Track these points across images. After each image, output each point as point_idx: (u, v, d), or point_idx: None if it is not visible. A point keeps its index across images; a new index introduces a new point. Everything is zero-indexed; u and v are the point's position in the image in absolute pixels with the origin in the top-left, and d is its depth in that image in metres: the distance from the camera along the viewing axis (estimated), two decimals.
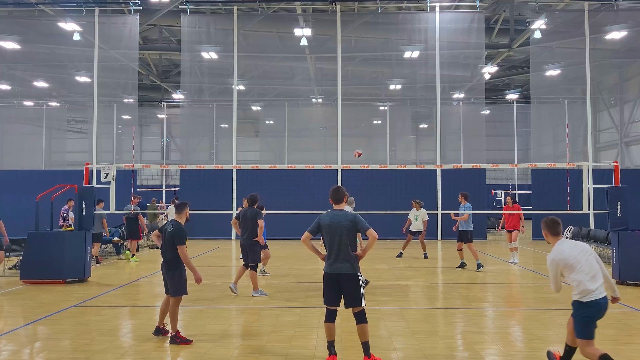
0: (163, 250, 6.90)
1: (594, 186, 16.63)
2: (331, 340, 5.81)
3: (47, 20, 23.18)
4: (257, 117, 36.72)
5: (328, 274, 5.76)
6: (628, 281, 10.87)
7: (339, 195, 5.90)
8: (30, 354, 6.39)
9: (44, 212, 11.81)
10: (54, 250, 11.20)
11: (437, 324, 7.68)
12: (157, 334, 6.95)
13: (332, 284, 5.74)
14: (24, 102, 31.70)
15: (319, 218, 5.90)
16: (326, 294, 5.82)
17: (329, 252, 5.78)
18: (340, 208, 5.91)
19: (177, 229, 6.78)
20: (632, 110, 29.00)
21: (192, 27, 22.75)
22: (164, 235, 6.88)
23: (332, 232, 5.73)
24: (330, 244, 5.76)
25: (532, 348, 6.54)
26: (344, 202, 5.91)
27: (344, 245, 5.69)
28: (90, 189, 12.20)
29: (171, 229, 6.79)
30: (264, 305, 9.04)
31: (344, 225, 5.71)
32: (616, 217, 11.14)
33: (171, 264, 6.79)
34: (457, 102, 31.56)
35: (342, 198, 5.90)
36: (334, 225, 5.73)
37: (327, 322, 5.81)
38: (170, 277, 6.79)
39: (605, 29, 21.04)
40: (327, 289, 5.80)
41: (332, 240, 5.73)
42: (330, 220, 5.78)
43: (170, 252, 6.78)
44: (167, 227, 6.87)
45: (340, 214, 5.82)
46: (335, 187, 6.04)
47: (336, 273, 5.69)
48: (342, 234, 5.69)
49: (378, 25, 23.59)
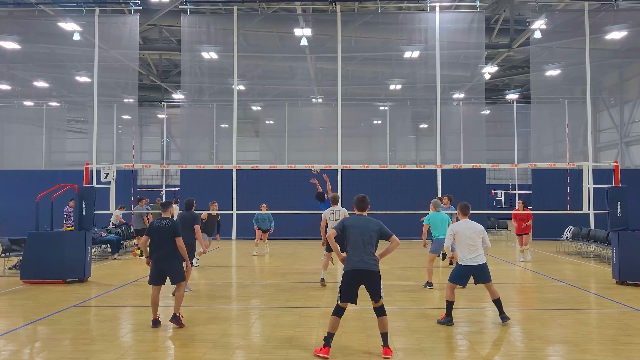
0: (159, 246, 7.44)
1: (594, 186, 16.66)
2: (332, 333, 6.14)
3: (47, 20, 23.17)
4: (257, 117, 36.74)
5: (355, 271, 6.04)
6: (628, 281, 10.87)
7: (364, 204, 6.44)
8: (30, 354, 6.38)
9: (44, 212, 11.80)
10: (54, 250, 11.19)
11: (437, 324, 7.67)
12: (155, 326, 7.43)
13: (357, 281, 6.07)
14: (24, 102, 31.71)
15: (344, 220, 6.36)
16: (348, 291, 6.09)
17: (353, 252, 6.11)
18: (364, 214, 6.42)
19: (175, 224, 7.51)
20: (632, 110, 29.00)
21: (192, 27, 22.74)
22: (157, 233, 7.45)
23: (360, 233, 6.14)
24: (355, 244, 6.12)
25: (532, 348, 6.54)
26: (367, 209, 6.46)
27: (370, 246, 6.13)
28: (90, 189, 12.20)
29: (168, 225, 7.46)
30: (264, 305, 9.04)
31: (372, 229, 6.19)
32: (616, 217, 11.13)
33: (171, 256, 7.43)
34: (457, 102, 31.56)
35: (366, 206, 6.45)
36: (362, 227, 6.19)
37: (336, 315, 6.15)
38: (173, 267, 7.46)
39: (605, 29, 21.03)
40: (351, 286, 6.09)
41: (357, 240, 6.12)
42: (358, 224, 6.23)
43: (169, 245, 7.39)
44: (162, 224, 7.48)
45: (367, 219, 6.34)
46: (361, 196, 6.49)
47: (366, 269, 6.02)
48: (370, 236, 6.14)
49: (378, 25, 23.58)
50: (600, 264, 14.40)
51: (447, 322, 7.59)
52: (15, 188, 21.83)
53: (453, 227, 7.83)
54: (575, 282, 11.35)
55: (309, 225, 19.11)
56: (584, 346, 6.60)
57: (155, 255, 7.49)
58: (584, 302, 9.47)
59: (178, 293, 7.62)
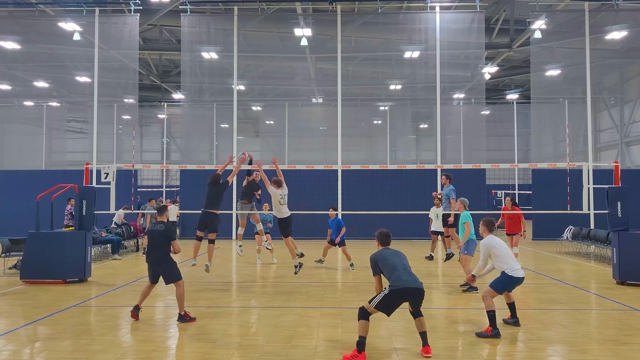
0: (152, 249, 7.80)
1: (594, 186, 16.65)
2: (365, 337, 6.16)
3: (47, 20, 23.18)
4: (257, 117, 36.74)
5: (408, 288, 6.27)
6: (628, 281, 10.87)
7: (388, 240, 6.78)
8: (30, 354, 6.38)
9: (44, 212, 11.80)
10: (54, 250, 11.19)
11: (437, 324, 7.67)
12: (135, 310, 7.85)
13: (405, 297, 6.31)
14: (24, 102, 31.72)
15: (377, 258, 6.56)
16: (393, 307, 6.34)
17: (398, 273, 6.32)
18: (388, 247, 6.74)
19: (169, 228, 7.86)
20: (632, 110, 29.00)
21: (192, 27, 22.73)
22: (151, 236, 7.80)
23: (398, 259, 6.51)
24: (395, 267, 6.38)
25: (532, 348, 6.54)
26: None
27: (409, 267, 6.50)
28: (90, 189, 12.20)
29: (162, 229, 7.78)
30: (264, 305, 9.04)
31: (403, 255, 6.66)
32: (616, 217, 11.12)
33: (164, 258, 7.77)
34: (457, 102, 31.56)
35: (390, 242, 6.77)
36: (397, 255, 6.59)
37: (366, 319, 6.24)
38: (168, 269, 7.77)
39: (605, 29, 21.04)
40: (397, 302, 6.33)
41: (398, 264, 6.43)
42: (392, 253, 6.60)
43: (164, 247, 7.73)
44: (156, 228, 7.80)
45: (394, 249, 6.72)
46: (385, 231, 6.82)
47: (417, 287, 6.31)
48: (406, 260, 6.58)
49: (378, 25, 23.57)
50: (601, 264, 14.40)
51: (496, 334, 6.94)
52: (15, 188, 21.82)
53: (489, 244, 7.38)
54: (576, 282, 11.35)
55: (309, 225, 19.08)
56: (584, 346, 6.60)
57: (148, 256, 7.90)
58: (584, 302, 9.47)
59: (178, 293, 7.76)
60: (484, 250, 7.44)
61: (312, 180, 19.96)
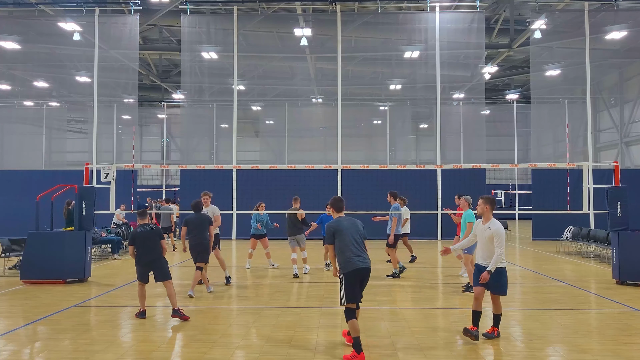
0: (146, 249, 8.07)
1: (594, 186, 16.66)
2: (359, 336, 6.04)
3: (47, 20, 23.18)
4: (257, 117, 36.75)
5: (361, 269, 6.11)
6: (628, 281, 10.87)
7: (341, 204, 6.60)
8: (30, 354, 6.38)
9: (44, 212, 11.80)
10: (54, 250, 11.19)
11: (437, 324, 7.68)
12: (142, 317, 8.11)
13: (360, 279, 6.18)
14: (24, 102, 31.72)
15: (333, 226, 6.32)
16: (354, 291, 6.13)
17: (350, 251, 6.14)
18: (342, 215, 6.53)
19: (158, 228, 8.33)
20: (632, 110, 29.01)
21: (192, 27, 22.74)
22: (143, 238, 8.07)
23: (352, 233, 6.25)
24: (348, 244, 6.18)
25: (532, 348, 6.54)
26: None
27: (362, 244, 6.27)
28: (90, 189, 12.20)
29: (153, 229, 8.19)
30: (264, 305, 9.04)
31: (359, 227, 6.37)
32: (616, 217, 11.13)
33: (158, 257, 8.14)
34: (457, 102, 31.57)
35: (343, 207, 6.60)
36: (352, 227, 6.30)
37: (353, 318, 6.11)
38: (160, 267, 8.15)
39: (605, 29, 21.03)
40: (355, 285, 6.15)
41: (350, 240, 6.20)
42: (347, 224, 6.32)
43: (156, 247, 8.11)
44: (147, 229, 8.12)
45: (350, 218, 6.47)
46: (338, 197, 6.67)
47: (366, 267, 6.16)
48: (360, 235, 6.31)
49: (378, 25, 23.57)
50: (600, 264, 14.40)
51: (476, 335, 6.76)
52: (15, 188, 21.82)
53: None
54: (575, 282, 11.35)
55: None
56: (584, 346, 6.60)
57: (142, 258, 8.14)
58: (584, 302, 9.47)
59: (170, 291, 8.08)
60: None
61: (312, 180, 19.96)
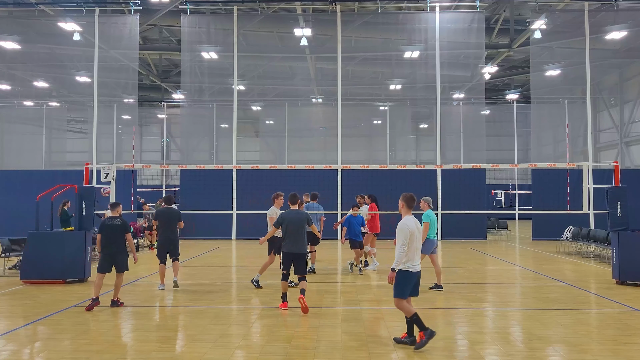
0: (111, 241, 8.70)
1: (594, 186, 16.67)
2: (285, 292, 8.68)
3: (47, 20, 23.18)
4: (257, 117, 36.76)
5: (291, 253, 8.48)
6: (628, 281, 10.87)
7: (294, 199, 8.81)
8: (30, 354, 6.38)
9: (44, 212, 11.80)
10: (54, 250, 11.19)
11: (437, 324, 7.67)
12: (94, 303, 8.49)
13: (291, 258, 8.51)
14: (24, 102, 31.72)
15: (283, 220, 8.48)
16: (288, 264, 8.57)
17: (288, 240, 8.44)
18: (295, 208, 8.68)
19: (126, 222, 8.93)
20: (632, 110, 29.02)
21: (192, 27, 22.74)
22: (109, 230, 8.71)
23: (295, 225, 8.44)
24: (289, 235, 8.43)
25: (532, 348, 6.54)
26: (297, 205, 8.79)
27: (301, 235, 8.47)
28: (90, 189, 12.20)
29: (119, 223, 8.79)
30: (264, 305, 9.04)
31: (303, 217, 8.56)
32: (616, 217, 11.13)
33: (121, 250, 8.82)
34: (457, 102, 31.57)
35: (296, 202, 8.82)
36: (298, 218, 8.49)
37: (284, 280, 8.68)
38: (121, 259, 8.82)
39: (605, 29, 21.04)
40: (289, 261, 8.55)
41: (292, 231, 8.42)
42: (294, 218, 8.48)
43: (121, 240, 8.77)
44: (114, 222, 8.76)
45: (298, 211, 8.68)
46: (292, 193, 8.89)
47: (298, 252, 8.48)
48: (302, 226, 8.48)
49: (378, 25, 23.58)
50: (600, 264, 14.40)
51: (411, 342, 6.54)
52: (15, 188, 21.81)
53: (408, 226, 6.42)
54: (575, 282, 11.35)
55: None
56: (584, 346, 6.60)
57: (107, 249, 8.72)
58: (584, 302, 9.47)
59: (119, 281, 8.84)
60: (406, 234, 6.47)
61: (312, 180, 19.96)
